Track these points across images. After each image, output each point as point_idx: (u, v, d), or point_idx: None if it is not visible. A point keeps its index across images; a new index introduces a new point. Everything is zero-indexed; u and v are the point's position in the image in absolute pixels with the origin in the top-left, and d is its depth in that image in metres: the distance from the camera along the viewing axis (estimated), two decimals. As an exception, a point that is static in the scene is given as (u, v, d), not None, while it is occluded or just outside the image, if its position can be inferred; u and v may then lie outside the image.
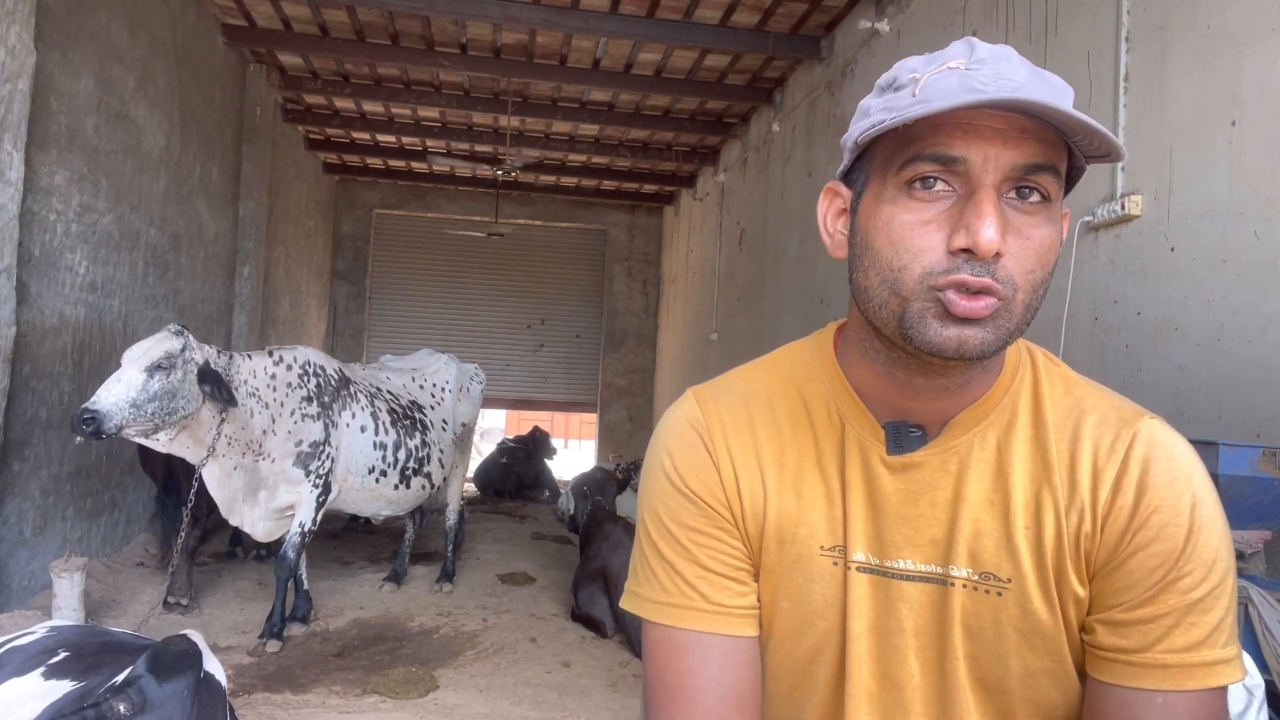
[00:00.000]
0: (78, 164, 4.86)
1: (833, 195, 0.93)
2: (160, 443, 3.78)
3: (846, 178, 0.91)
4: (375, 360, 5.92)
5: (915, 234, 0.80)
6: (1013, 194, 0.80)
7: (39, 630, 1.96)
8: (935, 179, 0.80)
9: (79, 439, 3.54)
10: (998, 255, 0.78)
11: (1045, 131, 0.79)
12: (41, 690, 1.71)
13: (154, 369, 3.59)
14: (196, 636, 1.79)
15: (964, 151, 0.78)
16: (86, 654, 1.84)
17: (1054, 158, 0.80)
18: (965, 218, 0.78)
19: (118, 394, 3.52)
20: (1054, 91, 0.79)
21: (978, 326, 0.79)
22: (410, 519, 5.66)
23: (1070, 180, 0.85)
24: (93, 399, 3.50)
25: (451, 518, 5.75)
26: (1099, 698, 0.85)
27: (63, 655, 1.82)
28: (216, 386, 3.79)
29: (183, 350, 3.70)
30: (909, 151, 0.80)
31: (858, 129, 0.85)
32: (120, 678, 1.61)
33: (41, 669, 1.77)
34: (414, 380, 5.45)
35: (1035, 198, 0.80)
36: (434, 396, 5.46)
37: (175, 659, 1.64)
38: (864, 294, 0.86)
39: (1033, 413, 0.91)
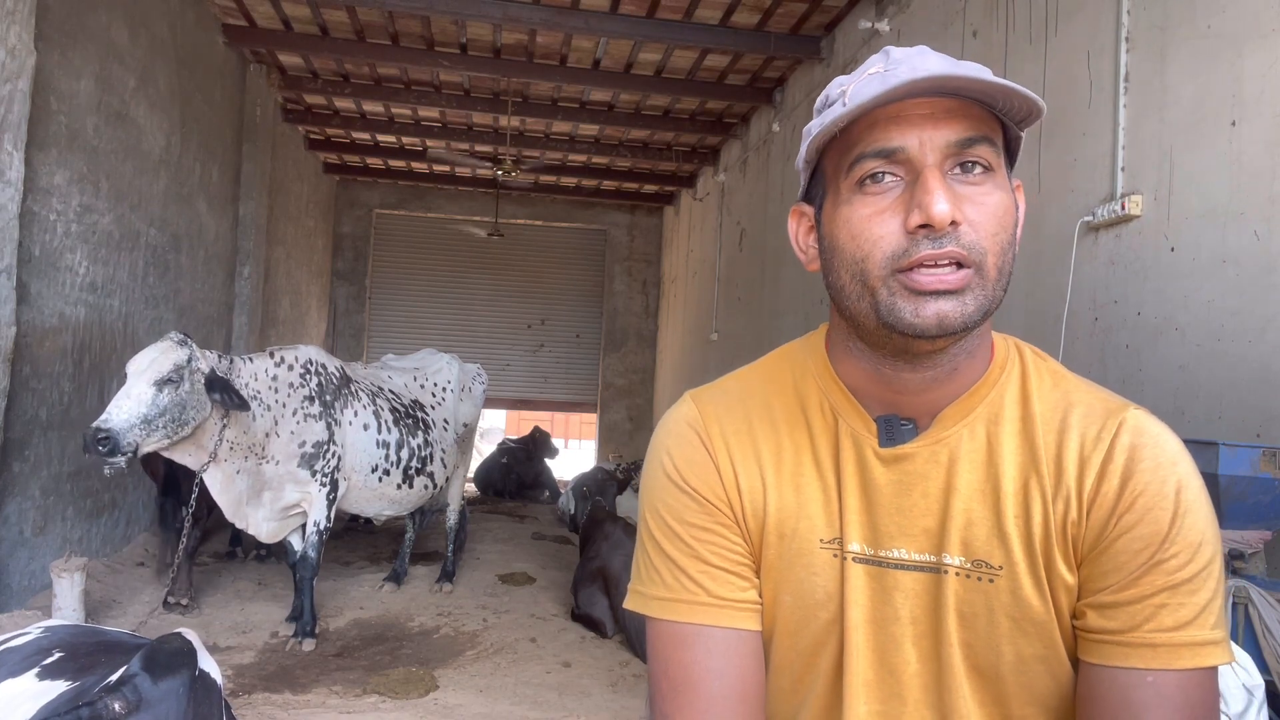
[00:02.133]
0: (78, 164, 4.86)
1: (799, 215, 0.99)
2: (162, 451, 3.72)
3: (808, 197, 0.96)
4: (377, 360, 5.90)
5: (872, 224, 0.85)
6: (957, 170, 0.85)
7: (33, 631, 1.95)
8: (883, 173, 0.85)
9: (107, 468, 3.40)
10: (955, 224, 0.82)
11: (971, 108, 0.84)
12: (36, 691, 1.71)
13: (163, 382, 3.51)
14: (191, 635, 1.79)
15: (900, 141, 0.83)
16: (81, 654, 1.84)
17: (985, 129, 0.85)
18: (916, 198, 0.83)
19: (129, 410, 3.43)
20: (969, 72, 0.84)
21: (954, 299, 0.83)
22: (410, 519, 5.66)
23: (1011, 153, 0.90)
24: (104, 417, 3.39)
25: (452, 518, 5.74)
26: (1091, 680, 0.86)
27: (57, 655, 1.82)
28: (226, 393, 3.74)
29: (189, 360, 3.64)
30: (852, 154, 0.86)
31: (804, 148, 0.91)
32: (115, 676, 1.61)
33: (36, 669, 1.77)
34: (415, 380, 5.44)
35: (978, 170, 0.85)
36: (434, 396, 5.46)
37: (170, 657, 1.64)
38: (840, 292, 0.90)
39: (1021, 405, 0.93)
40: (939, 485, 0.92)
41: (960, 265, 0.82)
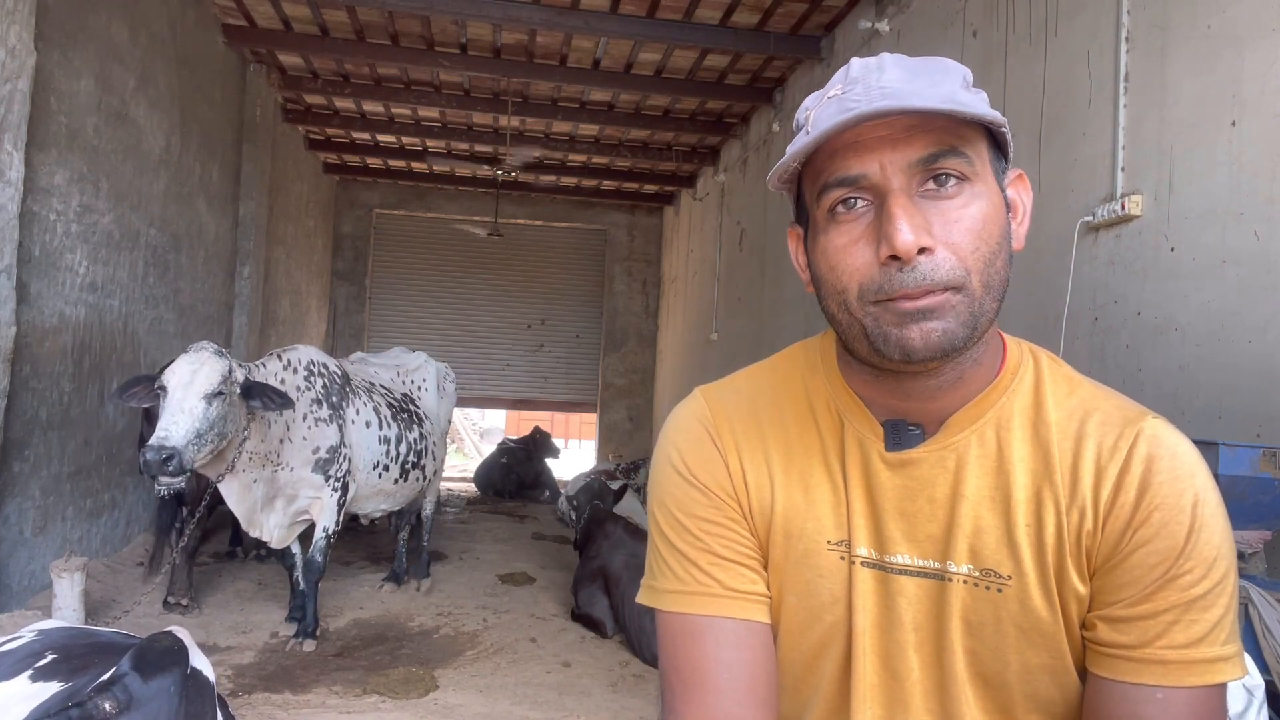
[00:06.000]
0: (78, 164, 4.86)
1: (796, 237, 0.98)
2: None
3: (799, 219, 0.96)
4: (349, 359, 5.81)
5: (847, 255, 0.84)
6: (930, 184, 0.82)
7: (25, 635, 1.94)
8: (853, 199, 0.83)
9: (161, 489, 3.30)
10: (926, 250, 0.79)
11: (933, 120, 0.81)
12: (29, 693, 1.70)
13: (212, 395, 3.47)
14: (182, 633, 1.79)
15: (860, 169, 0.82)
16: (74, 655, 1.83)
17: (951, 140, 0.81)
18: (882, 228, 0.81)
19: (186, 425, 3.37)
20: (931, 83, 0.81)
21: (937, 320, 0.81)
22: (388, 517, 5.62)
23: (1001, 147, 0.88)
24: (163, 435, 3.33)
25: (428, 509, 5.71)
26: (1099, 693, 0.85)
27: (50, 658, 1.81)
28: (266, 396, 3.71)
29: (230, 371, 3.61)
30: (819, 183, 0.85)
31: (771, 175, 0.89)
32: (105, 676, 1.60)
33: (29, 672, 1.76)
34: (398, 376, 5.45)
35: (952, 182, 0.82)
36: (414, 394, 5.46)
37: (160, 656, 1.63)
38: (831, 319, 0.89)
39: (1034, 411, 0.91)
40: (945, 491, 0.90)
41: (934, 293, 0.80)
